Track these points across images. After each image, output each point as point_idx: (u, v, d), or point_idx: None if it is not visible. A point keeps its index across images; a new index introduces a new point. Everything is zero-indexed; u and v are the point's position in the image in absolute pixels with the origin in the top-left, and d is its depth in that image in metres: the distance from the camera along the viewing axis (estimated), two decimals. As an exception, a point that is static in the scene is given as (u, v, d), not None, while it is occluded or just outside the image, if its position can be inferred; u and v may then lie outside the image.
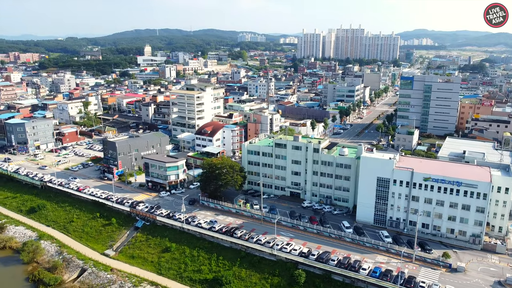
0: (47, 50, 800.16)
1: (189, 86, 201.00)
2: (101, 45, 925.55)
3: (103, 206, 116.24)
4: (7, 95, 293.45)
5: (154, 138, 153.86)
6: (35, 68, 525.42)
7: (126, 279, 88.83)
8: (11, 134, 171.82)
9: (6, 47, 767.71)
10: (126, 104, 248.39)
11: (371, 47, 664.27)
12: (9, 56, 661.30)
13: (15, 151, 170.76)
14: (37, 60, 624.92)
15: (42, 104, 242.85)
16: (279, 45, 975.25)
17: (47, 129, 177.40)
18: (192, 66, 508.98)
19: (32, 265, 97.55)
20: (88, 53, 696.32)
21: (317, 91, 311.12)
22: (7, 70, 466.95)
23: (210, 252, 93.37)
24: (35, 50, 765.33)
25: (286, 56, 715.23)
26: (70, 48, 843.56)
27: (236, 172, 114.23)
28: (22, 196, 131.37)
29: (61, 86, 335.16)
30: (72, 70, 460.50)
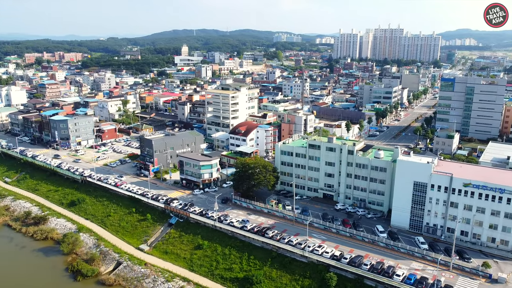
0: (90, 50, 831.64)
1: (224, 86, 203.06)
2: (140, 45, 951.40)
3: (139, 202, 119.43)
4: (52, 93, 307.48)
5: (189, 136, 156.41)
6: (78, 67, 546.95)
7: (159, 274, 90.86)
8: (55, 130, 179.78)
9: (52, 47, 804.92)
10: (163, 103, 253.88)
11: (410, 48, 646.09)
12: (54, 55, 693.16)
13: (58, 146, 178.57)
14: (80, 59, 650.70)
15: (84, 101, 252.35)
16: (315, 45, 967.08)
17: (88, 126, 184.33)
18: (228, 66, 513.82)
19: (71, 256, 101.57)
20: (128, 53, 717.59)
21: (353, 92, 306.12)
22: (53, 69, 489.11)
23: (241, 251, 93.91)
24: (78, 50, 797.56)
25: (322, 57, 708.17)
26: (111, 48, 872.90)
27: (269, 172, 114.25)
28: (63, 189, 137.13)
29: (101, 85, 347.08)
30: (112, 69, 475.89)
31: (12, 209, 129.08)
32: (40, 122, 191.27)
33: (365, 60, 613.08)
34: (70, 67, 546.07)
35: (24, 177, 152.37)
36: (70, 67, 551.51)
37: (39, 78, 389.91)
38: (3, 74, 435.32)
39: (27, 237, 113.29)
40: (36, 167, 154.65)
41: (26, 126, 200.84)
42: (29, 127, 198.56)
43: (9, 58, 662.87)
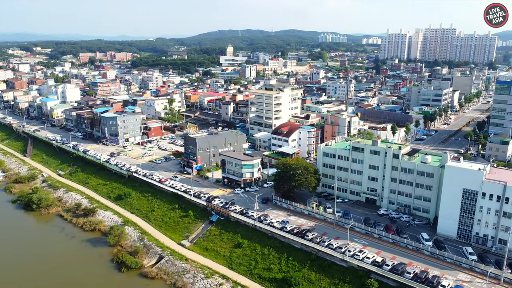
0: (139, 49, 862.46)
1: (267, 86, 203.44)
2: (187, 45, 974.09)
3: (181, 198, 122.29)
4: (103, 91, 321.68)
5: (232, 136, 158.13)
6: (128, 66, 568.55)
7: (199, 269, 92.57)
8: (105, 127, 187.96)
9: (104, 47, 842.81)
10: (207, 102, 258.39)
11: (463, 48, 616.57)
12: (106, 55, 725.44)
13: (107, 142, 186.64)
14: (130, 59, 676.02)
15: (132, 100, 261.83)
16: (361, 45, 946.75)
17: (135, 123, 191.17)
18: (272, 66, 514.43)
19: (116, 248, 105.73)
20: (175, 52, 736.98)
21: (400, 94, 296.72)
22: (104, 68, 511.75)
23: (280, 252, 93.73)
24: (128, 49, 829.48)
25: (368, 57, 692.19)
26: (159, 48, 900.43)
27: (311, 174, 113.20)
28: (111, 184, 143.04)
29: (149, 84, 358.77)
30: (160, 69, 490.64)
31: (64, 200, 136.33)
32: (91, 119, 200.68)
33: (413, 61, 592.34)
34: (121, 66, 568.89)
35: (75, 170, 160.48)
36: (121, 66, 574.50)
37: (92, 77, 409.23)
38: (60, 72, 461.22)
39: (77, 227, 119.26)
40: (87, 161, 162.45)
41: (79, 122, 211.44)
42: (81, 123, 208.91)
43: (65, 57, 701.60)
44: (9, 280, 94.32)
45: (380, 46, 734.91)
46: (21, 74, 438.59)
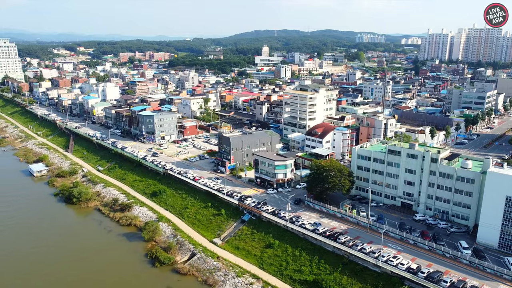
0: (176, 49, 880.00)
1: (302, 87, 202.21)
2: (223, 45, 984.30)
3: (214, 197, 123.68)
4: (141, 90, 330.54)
5: (266, 136, 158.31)
6: (165, 66, 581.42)
7: (230, 268, 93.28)
8: (142, 125, 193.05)
9: (143, 47, 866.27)
10: (241, 102, 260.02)
11: (510, 49, 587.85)
12: (145, 55, 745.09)
13: (144, 140, 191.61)
14: (167, 58, 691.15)
15: (169, 99, 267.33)
16: (400, 46, 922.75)
17: (171, 122, 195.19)
18: (307, 66, 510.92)
19: (151, 243, 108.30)
20: (211, 52, 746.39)
21: (440, 96, 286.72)
22: (143, 67, 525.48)
23: (312, 254, 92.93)
24: (166, 49, 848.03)
25: (407, 58, 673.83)
26: (196, 48, 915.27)
27: (344, 176, 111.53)
28: (147, 180, 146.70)
29: (186, 83, 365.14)
30: (196, 69, 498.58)
31: (103, 195, 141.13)
32: (130, 117, 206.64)
33: (455, 62, 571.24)
34: (158, 66, 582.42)
35: (114, 166, 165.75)
36: (158, 66, 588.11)
37: (131, 76, 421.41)
38: (101, 71, 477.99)
39: (114, 221, 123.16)
40: (124, 158, 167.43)
41: (118, 119, 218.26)
42: (120, 121, 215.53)
43: (106, 57, 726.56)
44: (49, 269, 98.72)
45: (419, 46, 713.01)
46: (65, 72, 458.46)
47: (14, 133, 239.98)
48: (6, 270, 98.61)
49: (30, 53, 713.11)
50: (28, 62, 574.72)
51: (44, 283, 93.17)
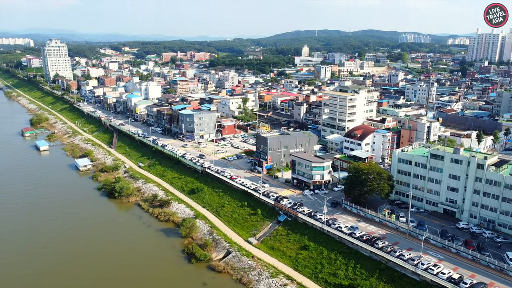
0: (217, 49, 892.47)
1: (342, 88, 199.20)
2: (263, 45, 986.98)
3: (250, 196, 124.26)
4: (182, 89, 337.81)
5: (304, 137, 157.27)
6: (206, 65, 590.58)
7: (264, 268, 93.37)
8: (182, 123, 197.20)
9: (185, 47, 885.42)
10: (280, 102, 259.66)
11: None
12: (187, 54, 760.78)
13: (183, 138, 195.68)
14: (208, 58, 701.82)
15: (208, 98, 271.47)
16: (446, 46, 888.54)
17: (210, 121, 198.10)
18: (348, 67, 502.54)
19: (187, 240, 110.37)
20: (251, 53, 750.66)
21: (489, 99, 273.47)
22: (184, 67, 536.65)
23: (348, 258, 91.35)
24: (207, 49, 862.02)
25: (453, 59, 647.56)
26: (236, 48, 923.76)
27: (384, 180, 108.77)
28: (185, 178, 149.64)
29: (225, 83, 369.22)
30: (236, 69, 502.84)
31: (143, 190, 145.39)
32: (170, 115, 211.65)
33: (506, 63, 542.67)
34: (199, 66, 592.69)
35: (154, 163, 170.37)
36: (199, 65, 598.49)
37: (172, 75, 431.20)
38: (144, 71, 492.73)
39: (152, 217, 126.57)
40: (164, 155, 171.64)
41: (159, 118, 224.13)
42: (161, 119, 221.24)
43: (150, 56, 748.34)
44: (91, 260, 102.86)
45: (467, 47, 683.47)
46: (110, 71, 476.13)
47: (63, 129, 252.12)
48: (56, 257, 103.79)
49: (79, 53, 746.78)
50: (77, 61, 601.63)
51: (88, 270, 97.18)
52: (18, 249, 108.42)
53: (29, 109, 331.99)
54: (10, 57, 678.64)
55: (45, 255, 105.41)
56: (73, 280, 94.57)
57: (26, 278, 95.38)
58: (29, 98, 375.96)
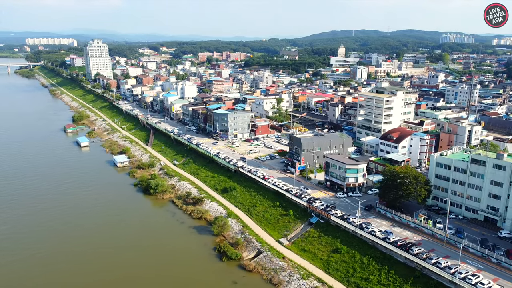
0: (252, 50, 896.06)
1: (379, 89, 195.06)
2: (299, 45, 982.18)
3: (283, 197, 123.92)
4: (217, 88, 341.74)
5: (338, 138, 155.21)
6: (241, 65, 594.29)
7: (295, 269, 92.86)
8: (217, 122, 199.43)
9: (221, 47, 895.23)
10: (314, 103, 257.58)
11: None
12: (222, 54, 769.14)
13: (218, 137, 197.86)
14: (243, 58, 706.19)
15: (243, 98, 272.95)
16: (491, 47, 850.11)
17: (244, 121, 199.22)
18: (385, 68, 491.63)
19: (219, 238, 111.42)
20: (286, 53, 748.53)
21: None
22: (220, 67, 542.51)
23: (381, 263, 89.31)
24: (243, 50, 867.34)
25: (498, 60, 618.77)
26: (271, 48, 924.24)
27: (420, 185, 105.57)
28: (219, 176, 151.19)
29: (260, 83, 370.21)
30: (270, 69, 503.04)
31: (177, 188, 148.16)
32: (205, 114, 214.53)
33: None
34: (234, 66, 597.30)
35: (188, 161, 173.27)
36: (234, 65, 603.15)
37: (208, 75, 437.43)
38: (181, 70, 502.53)
39: (186, 214, 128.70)
40: (198, 153, 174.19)
41: (194, 117, 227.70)
42: (196, 118, 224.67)
43: (186, 56, 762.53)
44: (125, 254, 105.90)
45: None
46: (148, 71, 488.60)
47: (102, 126, 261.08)
48: (91, 251, 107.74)
49: (119, 53, 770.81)
50: (117, 61, 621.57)
51: (122, 265, 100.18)
52: (59, 240, 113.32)
53: (72, 106, 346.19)
54: (55, 57, 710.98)
55: (82, 248, 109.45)
56: (107, 273, 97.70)
57: (64, 274, 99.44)
58: (71, 96, 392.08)
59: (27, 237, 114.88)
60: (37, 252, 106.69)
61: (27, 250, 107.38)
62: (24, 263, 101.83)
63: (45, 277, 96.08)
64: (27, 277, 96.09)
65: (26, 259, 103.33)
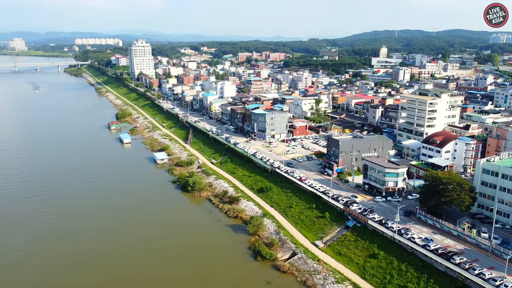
0: (292, 50, 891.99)
1: (422, 91, 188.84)
2: (339, 46, 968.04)
3: (319, 199, 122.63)
4: (256, 88, 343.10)
5: (377, 141, 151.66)
6: (280, 66, 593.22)
7: (330, 273, 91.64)
8: (254, 122, 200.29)
9: (261, 47, 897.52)
10: (354, 104, 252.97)
11: None
12: (262, 55, 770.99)
13: (255, 137, 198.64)
14: (282, 59, 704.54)
15: (281, 98, 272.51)
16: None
17: (282, 121, 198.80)
18: (429, 69, 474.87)
19: (254, 237, 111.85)
20: (326, 53, 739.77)
21: None
22: (259, 67, 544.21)
23: (420, 271, 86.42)
24: (282, 50, 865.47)
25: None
26: (311, 49, 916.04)
27: (464, 191, 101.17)
28: (255, 176, 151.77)
29: (298, 83, 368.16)
30: (310, 69, 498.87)
31: (214, 186, 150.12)
32: (243, 114, 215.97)
33: None
34: (273, 66, 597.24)
35: (226, 160, 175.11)
36: (274, 65, 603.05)
37: (247, 75, 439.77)
38: (220, 70, 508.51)
39: (222, 212, 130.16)
40: (236, 153, 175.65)
41: (232, 116, 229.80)
42: (234, 117, 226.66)
43: (226, 56, 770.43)
44: (163, 249, 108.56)
45: None
46: (189, 70, 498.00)
47: (144, 124, 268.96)
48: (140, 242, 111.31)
49: (161, 52, 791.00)
50: (159, 60, 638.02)
51: (158, 262, 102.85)
52: (102, 235, 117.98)
53: (115, 104, 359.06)
54: (101, 56, 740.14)
55: (119, 246, 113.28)
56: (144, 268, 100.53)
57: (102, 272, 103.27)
58: (116, 94, 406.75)
59: (75, 230, 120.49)
60: (79, 245, 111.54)
61: (76, 244, 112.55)
62: (73, 258, 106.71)
63: (93, 272, 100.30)
64: (83, 271, 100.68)
65: (74, 253, 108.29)
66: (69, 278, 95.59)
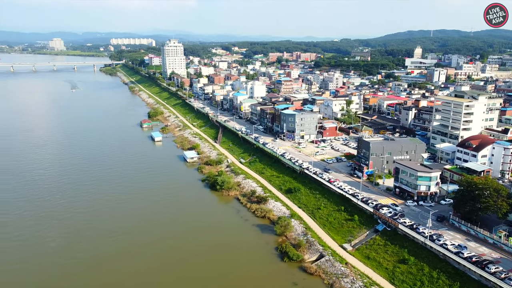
0: (323, 50, 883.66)
1: (458, 93, 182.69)
2: (372, 46, 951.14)
3: (348, 201, 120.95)
4: (286, 89, 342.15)
5: (410, 143, 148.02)
6: (311, 66, 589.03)
7: (358, 277, 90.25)
8: (284, 123, 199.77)
9: (291, 47, 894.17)
10: (386, 106, 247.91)
11: None
12: (293, 55, 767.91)
13: (284, 137, 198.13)
14: (313, 59, 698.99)
15: (311, 99, 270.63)
16: None
17: (312, 122, 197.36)
18: (466, 70, 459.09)
19: (281, 238, 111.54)
20: (358, 53, 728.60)
21: None
22: (289, 67, 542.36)
23: (452, 279, 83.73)
24: (313, 50, 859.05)
25: None
26: (343, 49, 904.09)
27: (502, 198, 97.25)
28: (283, 177, 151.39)
29: (329, 84, 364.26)
30: (341, 70, 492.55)
31: (242, 185, 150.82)
32: (273, 114, 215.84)
33: None
34: (304, 66, 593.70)
35: (254, 160, 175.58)
36: (304, 66, 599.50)
37: (277, 75, 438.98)
38: (251, 70, 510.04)
39: (250, 212, 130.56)
40: (264, 153, 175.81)
41: (262, 116, 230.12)
42: (264, 118, 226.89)
43: (257, 56, 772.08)
44: (190, 248, 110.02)
45: None
46: (220, 70, 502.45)
47: (175, 122, 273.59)
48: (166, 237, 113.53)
49: (193, 52, 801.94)
50: (190, 60, 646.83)
51: (185, 260, 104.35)
52: (127, 233, 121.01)
53: (148, 103, 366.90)
54: (135, 56, 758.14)
55: (147, 245, 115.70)
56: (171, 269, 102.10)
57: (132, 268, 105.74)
58: (148, 93, 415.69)
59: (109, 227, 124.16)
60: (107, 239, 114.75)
61: (110, 239, 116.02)
62: (108, 251, 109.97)
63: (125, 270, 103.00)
64: (113, 270, 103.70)
65: (108, 250, 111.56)
66: (109, 272, 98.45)
